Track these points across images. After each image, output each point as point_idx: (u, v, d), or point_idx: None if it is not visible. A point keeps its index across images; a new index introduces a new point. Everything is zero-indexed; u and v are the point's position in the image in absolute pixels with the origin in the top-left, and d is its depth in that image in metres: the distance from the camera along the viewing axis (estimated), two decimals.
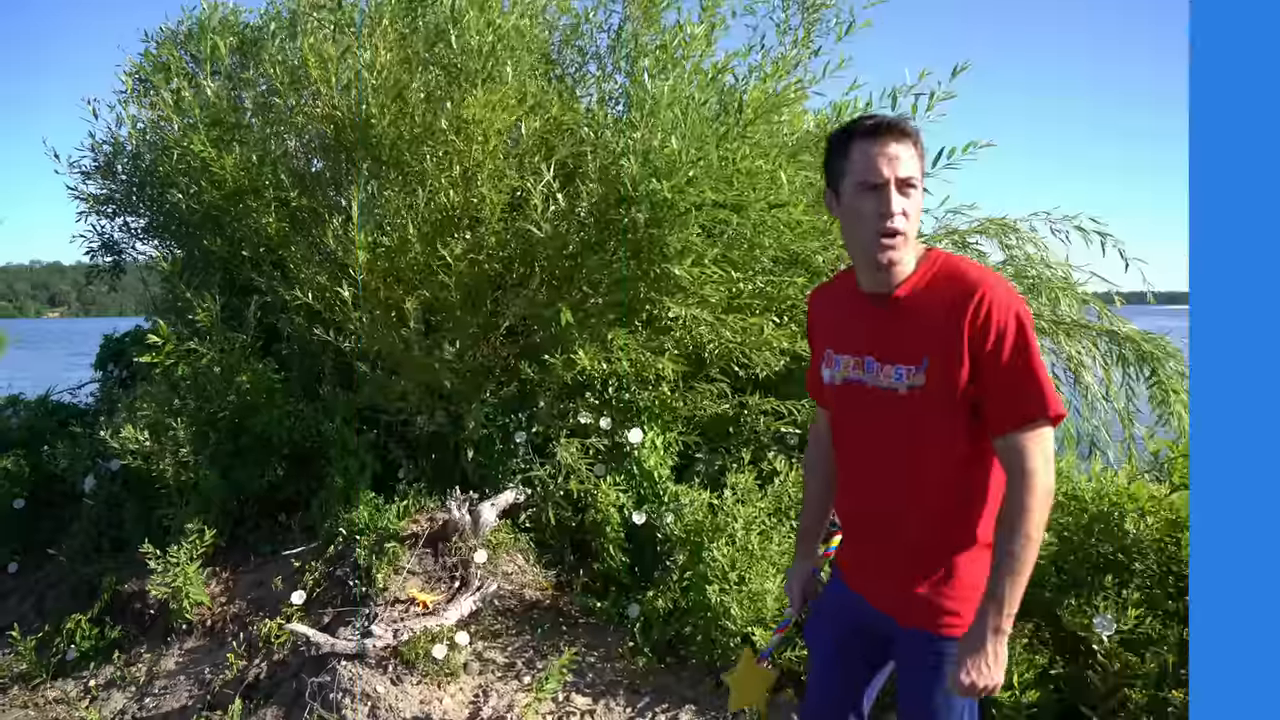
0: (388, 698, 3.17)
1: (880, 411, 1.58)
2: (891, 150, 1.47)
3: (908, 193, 1.50)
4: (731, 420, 4.30)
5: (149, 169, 4.91)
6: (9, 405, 5.54)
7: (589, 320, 3.52)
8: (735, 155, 3.15)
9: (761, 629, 2.85)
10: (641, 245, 3.23)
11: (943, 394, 1.51)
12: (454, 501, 3.62)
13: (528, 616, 3.62)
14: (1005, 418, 1.48)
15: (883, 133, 1.48)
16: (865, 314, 1.61)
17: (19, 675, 4.13)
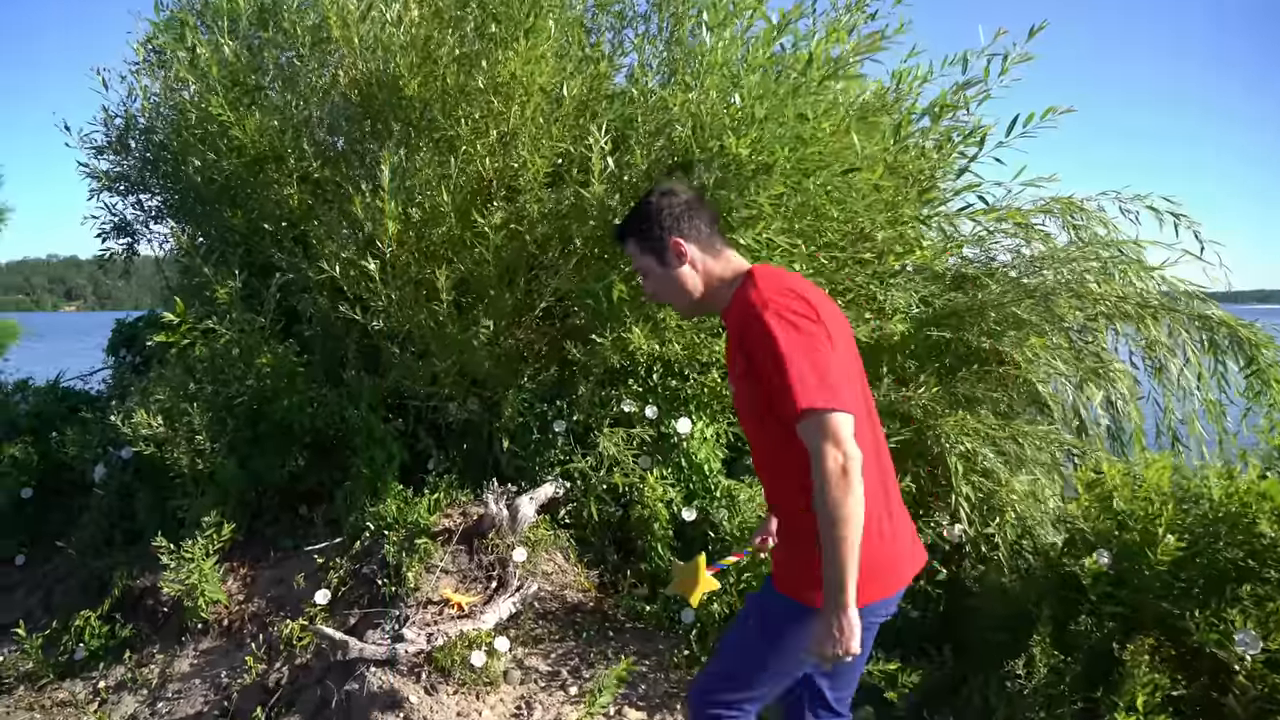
0: (421, 708, 2.89)
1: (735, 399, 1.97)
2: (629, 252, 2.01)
3: (644, 279, 2.00)
4: None
5: (163, 142, 4.64)
6: (18, 390, 5.29)
7: (638, 298, 3.21)
8: (814, 111, 2.83)
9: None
10: None
11: (748, 391, 1.82)
12: (491, 495, 3.34)
13: (570, 620, 3.33)
14: (784, 414, 1.68)
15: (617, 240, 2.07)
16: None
17: (25, 674, 3.88)
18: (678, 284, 1.92)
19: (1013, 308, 3.93)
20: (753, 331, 1.74)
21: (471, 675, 2.98)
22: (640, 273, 1.97)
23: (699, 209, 1.96)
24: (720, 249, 1.96)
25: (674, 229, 1.91)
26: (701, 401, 3.83)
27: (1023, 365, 3.75)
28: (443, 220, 3.26)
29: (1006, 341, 3.93)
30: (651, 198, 1.95)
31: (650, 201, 1.94)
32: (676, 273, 1.92)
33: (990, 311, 4.00)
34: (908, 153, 3.53)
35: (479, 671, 2.98)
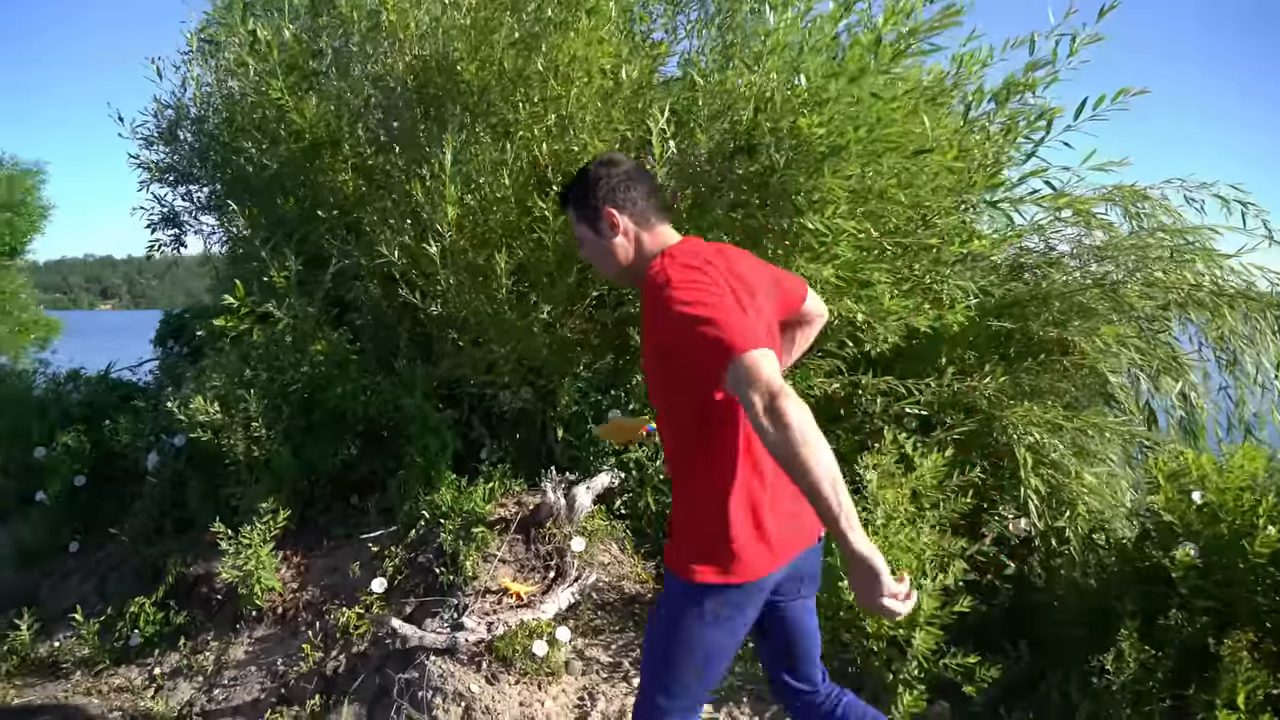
0: (483, 698, 2.85)
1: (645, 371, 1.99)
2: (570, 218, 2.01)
3: (580, 245, 2.01)
4: (843, 401, 3.92)
5: (214, 131, 4.65)
6: (69, 380, 5.34)
7: None
8: (887, 91, 2.75)
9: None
10: (770, 196, 2.85)
11: (660, 367, 1.83)
12: (549, 483, 3.29)
13: (629, 611, 3.28)
14: (712, 369, 1.59)
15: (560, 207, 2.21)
16: None
17: (82, 660, 3.90)
18: (608, 253, 1.93)
19: (1080, 296, 3.83)
20: (657, 302, 1.73)
21: (533, 665, 2.93)
22: (577, 239, 2.00)
23: (637, 180, 1.94)
24: (654, 223, 1.94)
25: (609, 199, 1.91)
26: None
27: (1091, 355, 3.64)
28: (500, 206, 3.22)
29: (1073, 331, 3.83)
30: (591, 167, 1.96)
31: (590, 171, 1.95)
32: (609, 242, 1.92)
33: (1055, 301, 3.89)
34: (973, 136, 3.43)
35: (540, 662, 2.94)
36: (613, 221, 1.90)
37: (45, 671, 3.92)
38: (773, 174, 2.84)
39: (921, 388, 3.66)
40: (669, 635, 1.81)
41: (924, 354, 3.97)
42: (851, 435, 3.76)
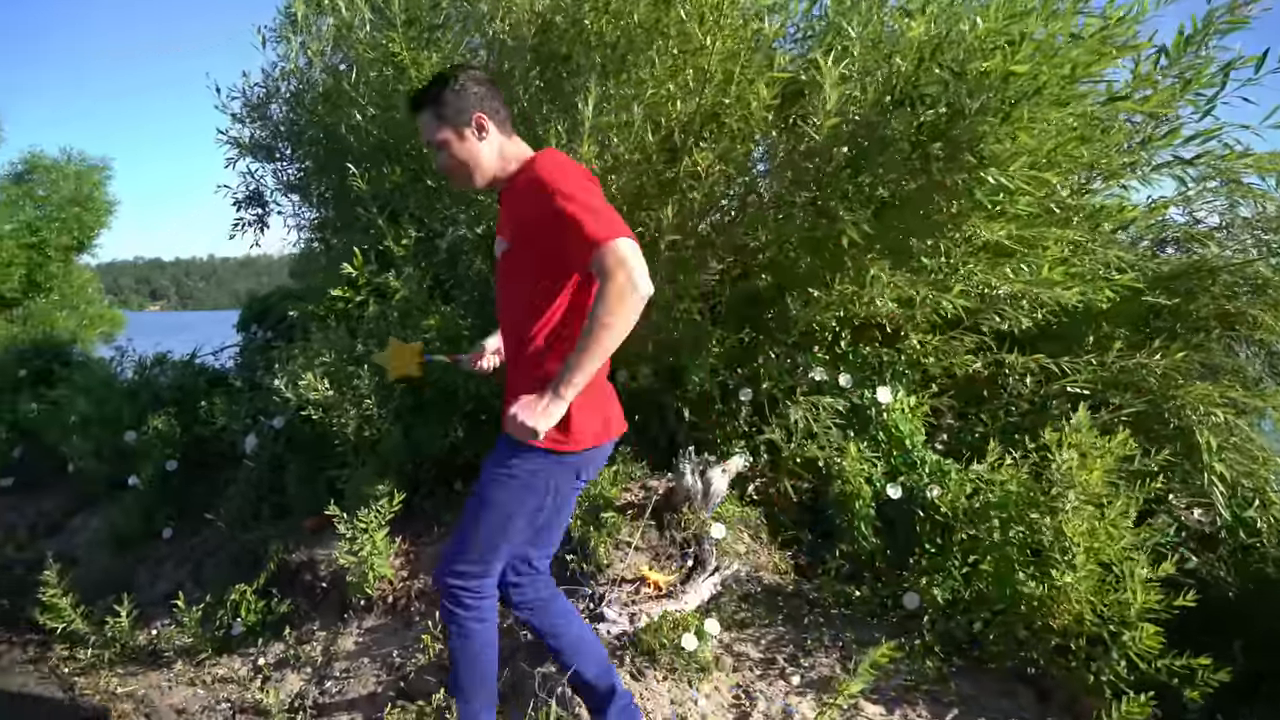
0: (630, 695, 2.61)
1: (498, 275, 2.10)
2: (419, 122, 2.06)
3: (438, 152, 2.03)
4: (986, 382, 3.64)
5: (313, 101, 4.50)
6: (157, 364, 5.24)
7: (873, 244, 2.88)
8: (1066, 34, 2.48)
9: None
10: (949, 147, 2.58)
11: (523, 257, 1.98)
12: (687, 464, 3.06)
13: (772, 604, 3.03)
14: (581, 250, 1.79)
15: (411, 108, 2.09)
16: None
17: (182, 649, 3.75)
18: (476, 158, 2.01)
19: (1252, 268, 3.50)
20: (540, 193, 1.87)
21: (682, 660, 2.70)
22: (436, 145, 2.01)
23: (497, 91, 2.08)
24: (512, 132, 2.08)
25: (478, 104, 2.00)
26: (898, 370, 3.50)
27: (1277, 329, 3.31)
28: (628, 170, 2.99)
29: (1242, 303, 3.50)
30: (458, 74, 2.01)
31: (456, 77, 2.00)
32: (478, 147, 2.00)
33: (1222, 274, 3.57)
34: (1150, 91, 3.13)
35: (689, 656, 2.70)
36: (482, 125, 2.00)
37: (146, 660, 3.78)
38: (952, 123, 2.57)
39: (1079, 366, 3.37)
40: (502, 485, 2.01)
41: (1070, 332, 3.67)
42: (1000, 417, 3.47)
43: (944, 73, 2.52)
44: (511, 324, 2.07)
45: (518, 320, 2.02)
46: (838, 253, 2.90)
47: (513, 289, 2.04)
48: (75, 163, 11.94)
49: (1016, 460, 2.94)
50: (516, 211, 2.00)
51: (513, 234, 2.00)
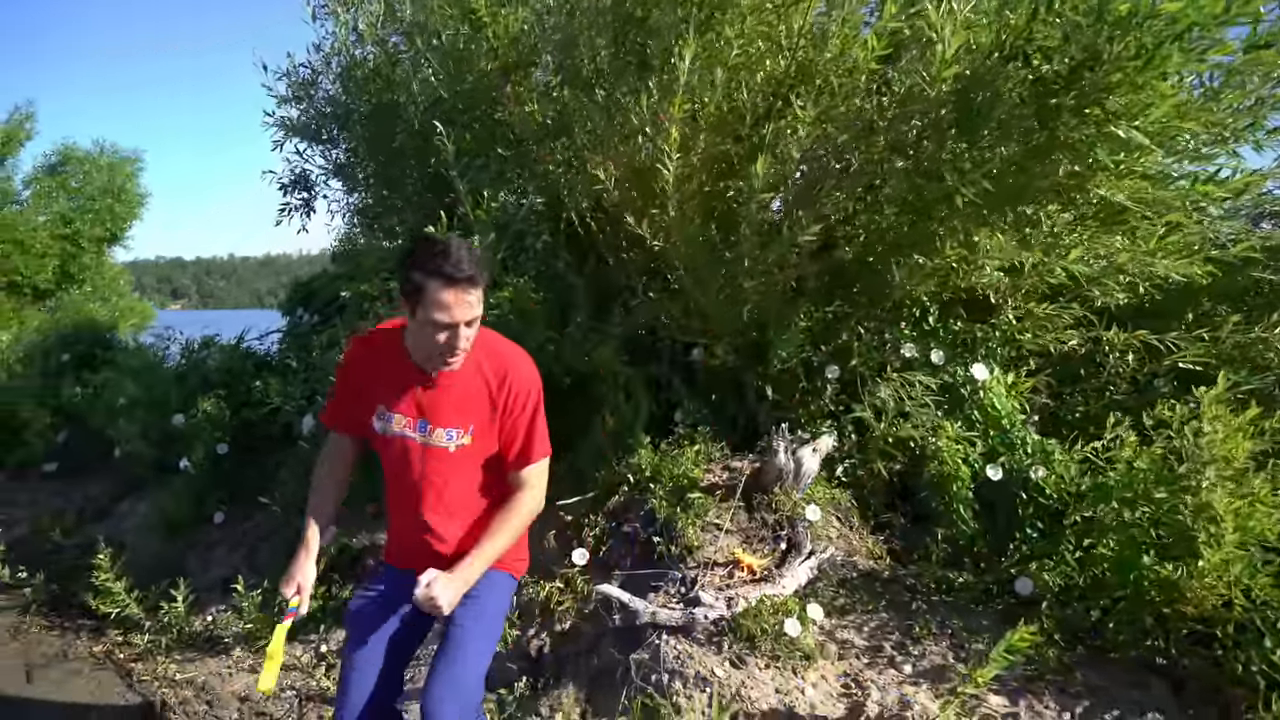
0: (730, 683, 2.46)
1: (432, 461, 1.99)
2: (468, 298, 1.79)
3: (471, 327, 1.86)
4: (1082, 360, 3.45)
5: (365, 78, 4.38)
6: (205, 347, 5.13)
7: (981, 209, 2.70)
8: None
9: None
10: (1073, 100, 2.40)
11: (480, 449, 2.00)
12: (781, 441, 2.89)
13: (870, 589, 2.86)
14: (519, 460, 2.02)
15: (460, 282, 1.77)
16: (416, 383, 1.97)
17: (241, 635, 3.63)
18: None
19: None
20: (522, 382, 1.98)
21: (784, 647, 2.54)
22: (470, 322, 1.84)
23: None
24: None
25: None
26: (991, 346, 3.32)
27: None
28: (724, 127, 2.83)
29: None
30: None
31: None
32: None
33: None
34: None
35: (792, 643, 2.54)
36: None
37: (203, 646, 3.66)
38: (1076, 74, 2.40)
39: (1188, 341, 3.19)
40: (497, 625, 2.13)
41: (1168, 309, 3.48)
42: (1105, 396, 3.29)
43: (1076, 16, 2.34)
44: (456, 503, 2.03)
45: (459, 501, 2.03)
46: (945, 217, 2.72)
47: (466, 469, 2.01)
48: (108, 154, 11.92)
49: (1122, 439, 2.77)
50: (500, 385, 1.95)
51: (488, 412, 1.97)
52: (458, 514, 2.03)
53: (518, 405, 1.96)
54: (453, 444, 1.96)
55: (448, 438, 1.96)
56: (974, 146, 2.61)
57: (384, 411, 2.00)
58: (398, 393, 1.98)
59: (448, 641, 2.01)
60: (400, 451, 1.99)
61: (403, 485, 2.02)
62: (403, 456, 1.99)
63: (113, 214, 11.59)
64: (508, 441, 1.99)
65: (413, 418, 1.97)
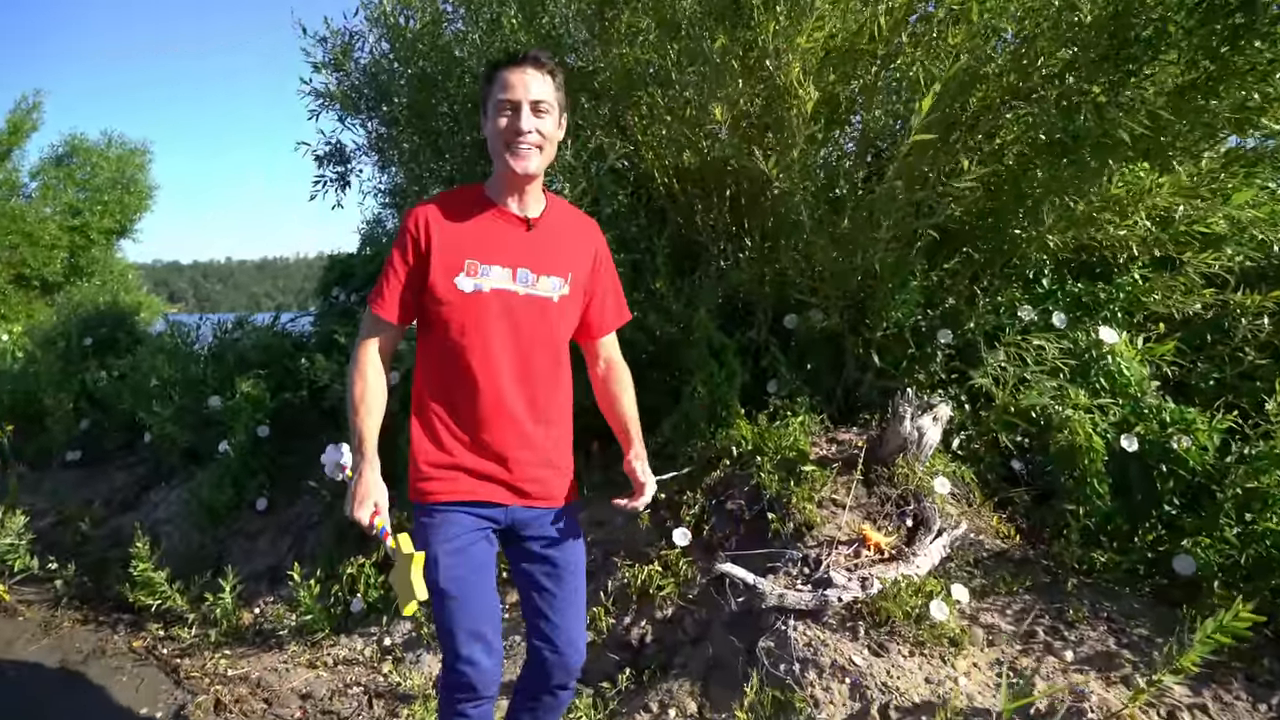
0: (874, 673, 2.20)
1: (533, 316, 1.76)
2: (529, 75, 1.67)
3: (540, 114, 1.69)
4: (1209, 324, 3.20)
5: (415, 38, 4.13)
6: (238, 327, 4.86)
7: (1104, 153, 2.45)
8: None
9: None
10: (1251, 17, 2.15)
11: (575, 303, 1.83)
12: (908, 407, 2.63)
13: (1005, 569, 2.60)
14: (617, 316, 1.95)
15: (522, 61, 1.69)
16: (510, 227, 1.77)
17: (296, 629, 3.36)
18: (554, 145, 1.77)
19: None
20: (600, 240, 1.88)
21: (928, 632, 2.28)
22: (542, 108, 1.69)
23: None
24: None
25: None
26: (1113, 309, 3.07)
27: None
28: (853, 55, 2.57)
29: None
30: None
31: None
32: (559, 135, 1.78)
33: None
34: None
35: (936, 628, 2.28)
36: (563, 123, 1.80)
37: (254, 640, 3.39)
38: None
39: None
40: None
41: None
42: (1242, 360, 3.04)
43: None
44: (537, 377, 1.80)
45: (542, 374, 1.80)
46: (1091, 159, 2.47)
47: (558, 337, 1.82)
48: (116, 145, 11.66)
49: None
50: (567, 246, 1.81)
51: (577, 273, 1.82)
52: (546, 383, 1.81)
53: (605, 257, 1.88)
54: (555, 293, 1.77)
55: (551, 286, 1.77)
56: (1132, 78, 2.35)
57: (476, 265, 1.73)
58: (492, 242, 1.75)
59: (566, 578, 1.85)
60: (492, 311, 1.73)
61: (488, 356, 1.74)
62: (495, 316, 1.73)
63: (122, 205, 11.31)
64: (602, 294, 1.87)
65: (513, 267, 1.74)
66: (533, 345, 1.76)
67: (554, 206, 1.83)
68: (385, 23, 4.34)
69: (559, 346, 1.82)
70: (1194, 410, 2.81)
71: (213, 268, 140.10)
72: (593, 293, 1.85)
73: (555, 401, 1.84)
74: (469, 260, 1.72)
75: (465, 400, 1.77)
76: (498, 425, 1.77)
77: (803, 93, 2.45)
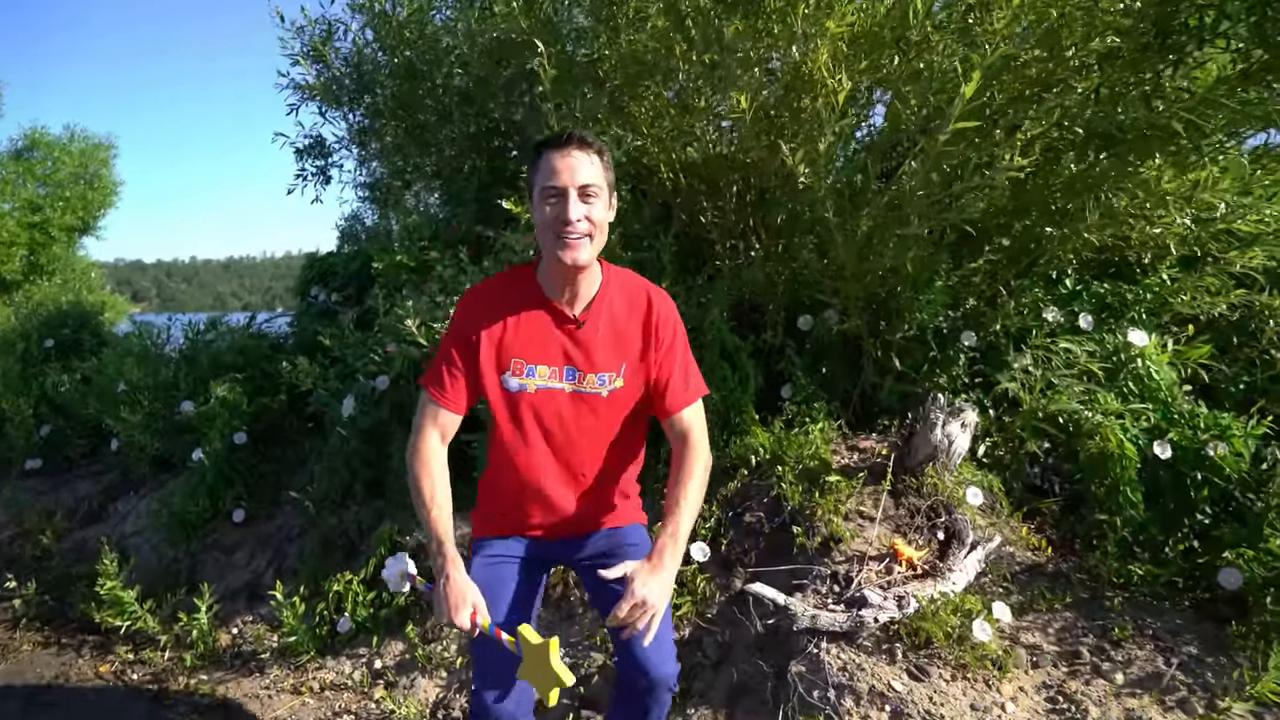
0: (916, 700, 2.05)
1: (582, 413, 1.73)
2: (574, 159, 1.59)
3: (589, 200, 1.60)
4: (1234, 326, 3.10)
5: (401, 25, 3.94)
6: (211, 328, 4.61)
7: (1144, 147, 2.33)
8: None
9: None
10: None
11: (632, 391, 1.75)
12: (940, 413, 2.49)
13: (1040, 584, 2.47)
14: (683, 396, 1.76)
15: (566, 143, 1.60)
16: (559, 325, 1.71)
17: (279, 651, 3.15)
18: (605, 230, 1.67)
19: None
20: (667, 310, 1.76)
21: (970, 654, 2.13)
22: (591, 192, 1.60)
23: None
24: None
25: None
26: (1140, 311, 2.96)
27: None
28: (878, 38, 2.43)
29: None
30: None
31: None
32: (609, 219, 1.68)
33: None
34: None
35: (978, 650, 2.13)
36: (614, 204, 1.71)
37: (232, 663, 3.17)
38: None
39: None
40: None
41: None
42: (1261, 366, 2.94)
43: None
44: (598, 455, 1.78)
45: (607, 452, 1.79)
46: (1130, 153, 2.34)
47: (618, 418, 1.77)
48: (79, 140, 11.24)
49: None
50: (619, 332, 1.73)
51: (639, 348, 1.75)
52: (602, 471, 1.79)
53: (668, 331, 1.76)
54: (605, 388, 1.73)
55: (600, 382, 1.72)
56: (1179, 68, 2.23)
57: (522, 365, 1.72)
58: (538, 341, 1.72)
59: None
60: (540, 409, 1.73)
61: (534, 450, 1.74)
62: (544, 414, 1.73)
63: (85, 201, 10.89)
64: (664, 376, 1.75)
65: (559, 366, 1.72)
66: (581, 439, 1.74)
67: (609, 287, 1.74)
68: (369, 9, 4.14)
69: (615, 435, 1.77)
70: (1228, 415, 2.70)
71: (177, 267, 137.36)
72: (654, 373, 1.75)
73: (611, 473, 1.82)
74: (514, 359, 1.71)
75: (509, 491, 1.80)
76: (540, 513, 1.81)
77: (833, 82, 2.29)
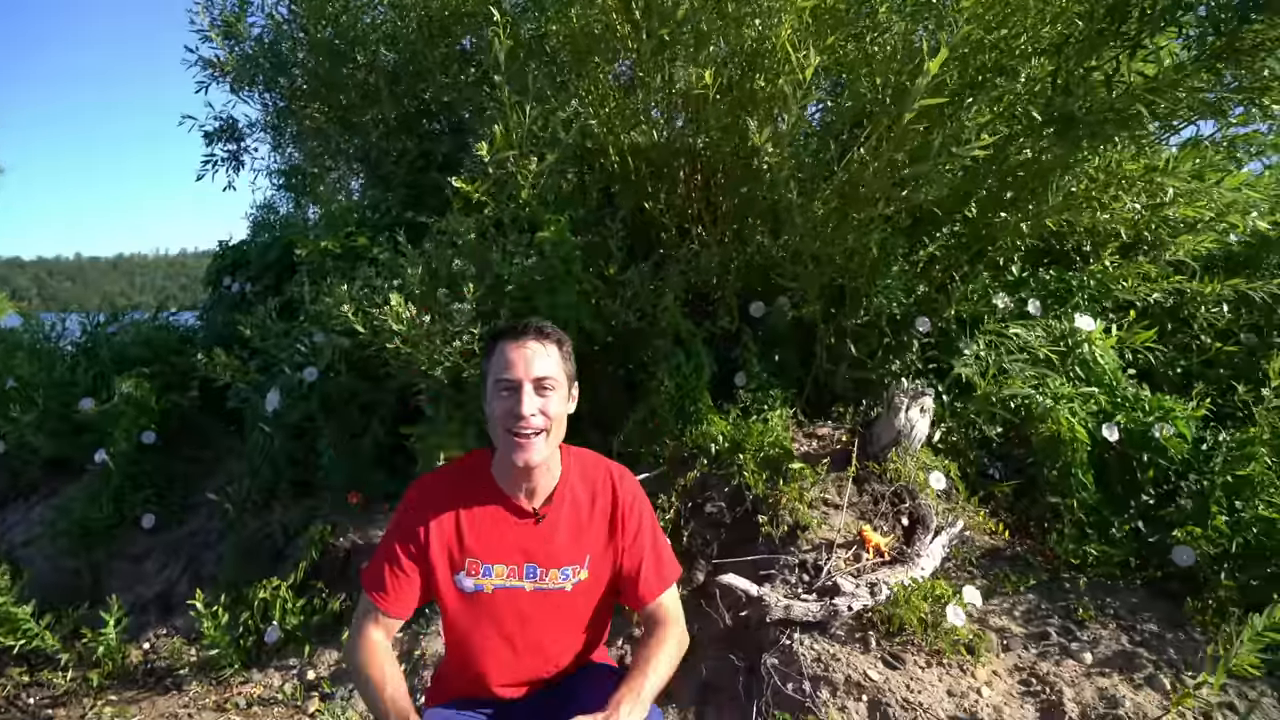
0: (893, 688, 2.00)
1: (544, 609, 1.58)
2: (530, 350, 1.48)
3: (544, 393, 1.48)
4: (1167, 312, 3.20)
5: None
6: (111, 322, 4.26)
7: (1099, 130, 2.36)
8: None
9: None
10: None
11: (598, 581, 1.60)
12: (903, 396, 2.46)
13: (1001, 567, 2.47)
14: (655, 585, 1.61)
15: (522, 333, 1.50)
16: (516, 524, 1.57)
17: (199, 665, 2.90)
18: (563, 423, 1.54)
19: None
20: (632, 495, 1.63)
21: (943, 640, 2.10)
22: (548, 383, 1.48)
23: None
24: None
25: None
26: (1086, 297, 3.02)
27: None
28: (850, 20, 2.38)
29: None
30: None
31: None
32: (567, 411, 1.55)
33: None
34: None
35: (950, 635, 2.11)
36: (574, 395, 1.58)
37: (145, 682, 2.90)
38: None
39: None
40: None
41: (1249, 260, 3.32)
42: (1194, 351, 3.04)
43: None
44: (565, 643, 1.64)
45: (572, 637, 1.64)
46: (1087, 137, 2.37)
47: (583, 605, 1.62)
48: None
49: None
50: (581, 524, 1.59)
51: (604, 538, 1.60)
52: (561, 659, 1.64)
53: (634, 519, 1.61)
54: (570, 582, 1.58)
55: (563, 577, 1.57)
56: (1134, 54, 2.26)
57: (478, 565, 1.56)
58: (494, 539, 1.56)
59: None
60: (498, 607, 1.57)
61: (492, 645, 1.59)
62: (502, 611, 1.57)
63: None
64: (633, 565, 1.60)
65: (518, 564, 1.56)
66: (545, 636, 1.60)
67: (569, 474, 1.60)
68: None
69: (579, 626, 1.63)
70: (1171, 398, 2.78)
71: (60, 265, 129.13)
72: (622, 560, 1.60)
73: (583, 651, 1.67)
74: (469, 559, 1.55)
75: (467, 687, 1.65)
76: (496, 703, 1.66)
77: (799, 58, 2.23)
